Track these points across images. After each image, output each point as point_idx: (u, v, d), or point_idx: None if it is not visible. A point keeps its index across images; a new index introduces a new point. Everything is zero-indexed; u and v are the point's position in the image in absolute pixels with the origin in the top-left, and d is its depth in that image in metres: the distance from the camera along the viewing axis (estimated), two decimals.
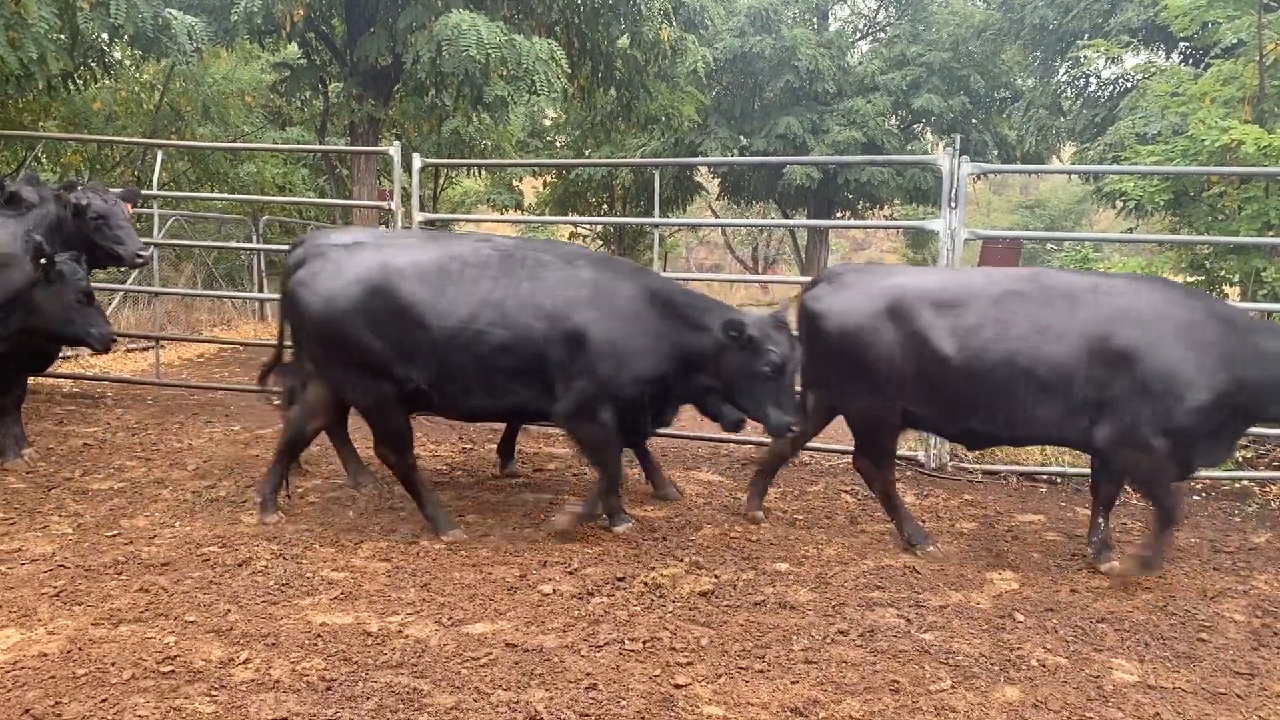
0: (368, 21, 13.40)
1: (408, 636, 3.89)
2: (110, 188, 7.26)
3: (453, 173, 24.77)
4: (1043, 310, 4.76)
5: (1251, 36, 8.94)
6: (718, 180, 29.58)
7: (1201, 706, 3.59)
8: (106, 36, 11.27)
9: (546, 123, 27.53)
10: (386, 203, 8.38)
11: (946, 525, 5.73)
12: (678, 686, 3.56)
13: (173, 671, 3.51)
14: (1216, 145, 7.78)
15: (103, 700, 3.29)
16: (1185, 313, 4.70)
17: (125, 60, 15.10)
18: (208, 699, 3.33)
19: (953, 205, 6.64)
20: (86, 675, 3.46)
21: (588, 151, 23.85)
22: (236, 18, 11.79)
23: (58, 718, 3.19)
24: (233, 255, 17.43)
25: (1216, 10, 9.48)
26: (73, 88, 12.86)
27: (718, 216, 33.16)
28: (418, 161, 8.04)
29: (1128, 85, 17.36)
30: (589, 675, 3.60)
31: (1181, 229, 9.18)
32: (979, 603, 4.51)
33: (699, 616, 4.21)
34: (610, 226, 29.00)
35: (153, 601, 4.13)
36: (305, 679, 3.50)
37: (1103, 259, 13.02)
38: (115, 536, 4.94)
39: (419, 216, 8.08)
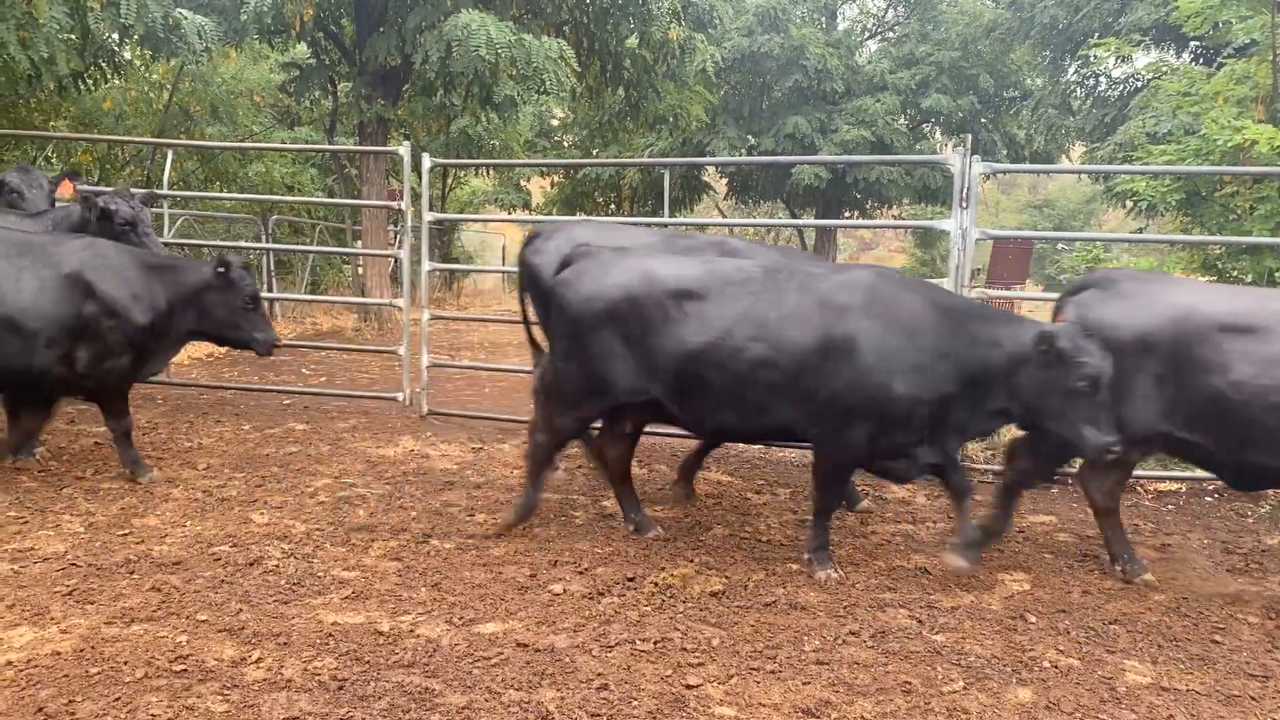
0: (377, 21, 13.43)
1: (419, 636, 3.89)
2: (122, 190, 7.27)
3: (460, 172, 24.78)
4: None
5: (1265, 36, 8.92)
6: (725, 180, 29.59)
7: (1215, 709, 3.57)
8: (117, 36, 11.33)
9: (554, 123, 27.55)
10: (396, 202, 8.39)
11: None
12: (689, 687, 3.56)
13: (185, 670, 3.52)
14: (1229, 145, 7.77)
15: (116, 699, 3.29)
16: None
17: (135, 60, 15.17)
18: (220, 698, 3.33)
19: (964, 205, 6.62)
20: (99, 674, 3.46)
21: (595, 151, 23.85)
22: (246, 17, 11.83)
23: (71, 716, 3.19)
24: (242, 254, 17.44)
25: (1229, 10, 9.45)
26: (83, 88, 12.92)
27: (725, 216, 33.17)
28: (427, 161, 8.04)
29: (1138, 85, 17.34)
30: (600, 675, 3.60)
31: (1194, 229, 9.15)
32: (991, 604, 4.50)
33: (710, 617, 4.20)
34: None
35: (165, 600, 4.13)
36: (317, 678, 3.50)
37: (1112, 259, 12.99)
38: (127, 535, 4.95)
39: (428, 216, 8.09)
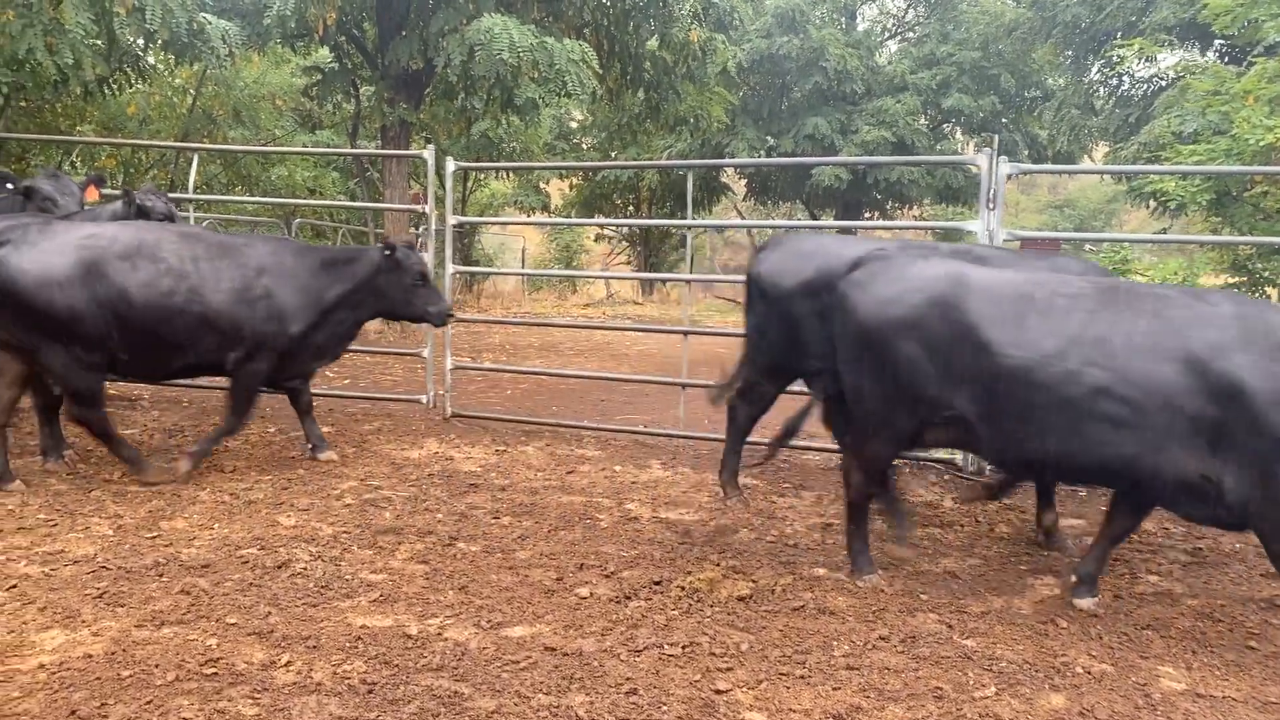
0: (399, 25, 13.47)
1: (447, 639, 3.89)
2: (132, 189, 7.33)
3: (480, 175, 24.86)
4: None
5: None
6: (744, 181, 29.55)
7: (1253, 716, 3.52)
8: (142, 42, 11.41)
9: (573, 125, 27.61)
10: (420, 206, 8.41)
11: (985, 529, 5.68)
12: (719, 692, 3.54)
13: (215, 674, 3.52)
14: (1261, 144, 7.67)
15: (148, 702, 3.30)
16: None
17: (159, 65, 15.30)
18: (251, 701, 3.34)
19: (991, 206, 6.56)
20: (131, 677, 3.48)
21: (614, 153, 23.87)
22: (269, 21, 11.88)
23: (104, 719, 3.21)
24: None
25: (1260, 8, 9.34)
26: (108, 92, 13.04)
27: (743, 217, 33.10)
28: (451, 165, 8.05)
29: (1162, 84, 17.17)
30: (629, 680, 3.59)
31: (1223, 229, 9.04)
32: (1021, 608, 4.46)
33: (738, 621, 4.18)
34: (636, 228, 29.08)
35: (194, 603, 4.15)
36: (347, 682, 3.50)
37: (1137, 259, 12.85)
38: (155, 538, 4.98)
39: (451, 220, 8.10)
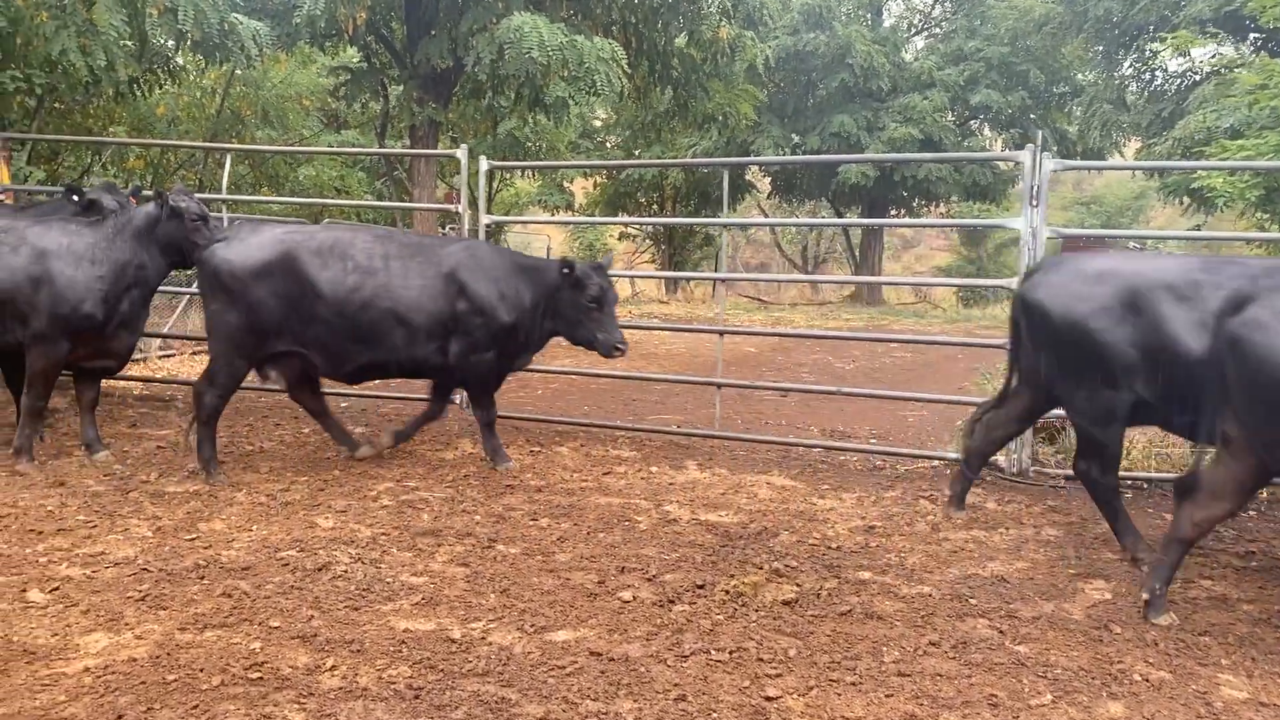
0: (428, 24, 13.47)
1: (491, 644, 3.84)
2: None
3: (506, 174, 24.87)
4: None
5: None
6: (768, 179, 29.42)
7: None
8: (173, 43, 11.46)
9: (597, 123, 27.57)
10: (454, 205, 8.37)
11: (1032, 532, 5.57)
12: (769, 699, 3.47)
13: (261, 679, 3.49)
14: None
15: (194, 706, 3.27)
16: None
17: (187, 66, 15.37)
18: (297, 706, 3.30)
19: (1034, 203, 6.45)
20: (176, 681, 3.45)
21: (638, 152, 23.81)
22: (299, 21, 11.91)
23: None
24: None
25: None
26: (138, 93, 13.10)
27: (767, 215, 32.96)
28: (484, 164, 8.01)
29: (1196, 79, 16.93)
30: (677, 686, 3.52)
31: (1271, 226, 8.86)
32: (1073, 613, 4.36)
33: (784, 626, 4.11)
34: (660, 226, 29.00)
35: (236, 606, 4.12)
36: (392, 686, 3.46)
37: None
38: (194, 540, 4.96)
39: (485, 219, 8.07)
